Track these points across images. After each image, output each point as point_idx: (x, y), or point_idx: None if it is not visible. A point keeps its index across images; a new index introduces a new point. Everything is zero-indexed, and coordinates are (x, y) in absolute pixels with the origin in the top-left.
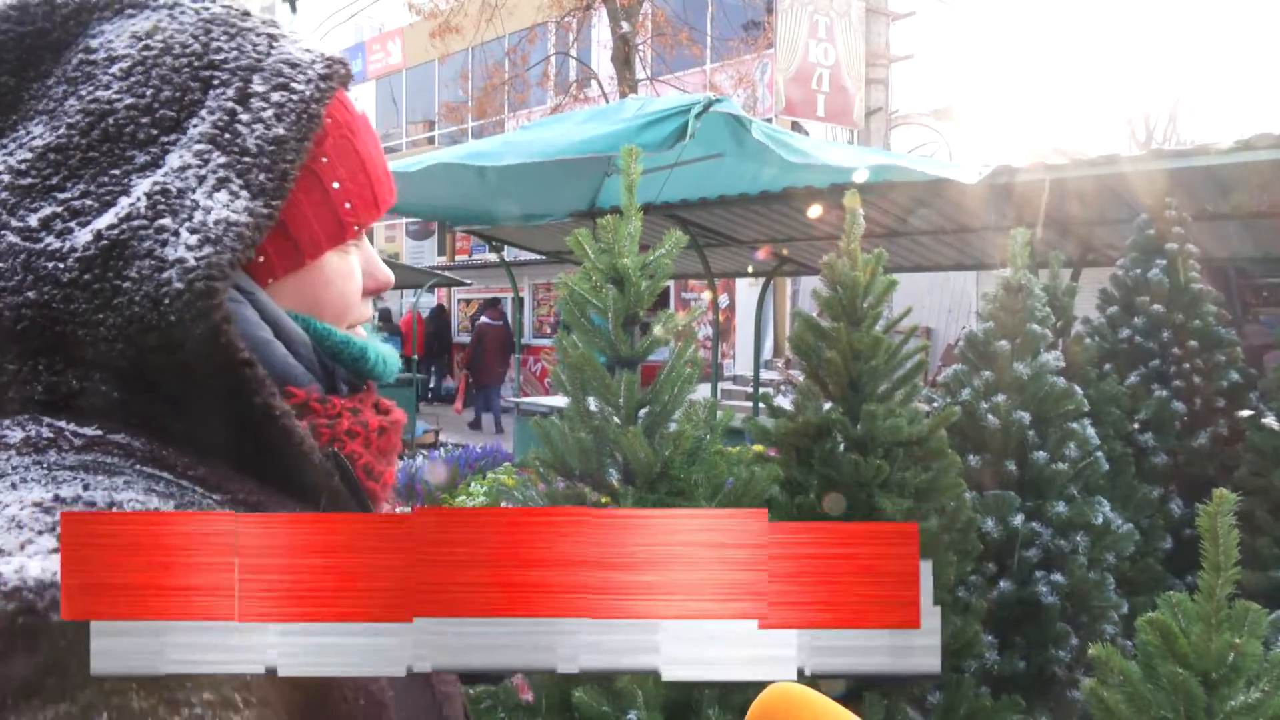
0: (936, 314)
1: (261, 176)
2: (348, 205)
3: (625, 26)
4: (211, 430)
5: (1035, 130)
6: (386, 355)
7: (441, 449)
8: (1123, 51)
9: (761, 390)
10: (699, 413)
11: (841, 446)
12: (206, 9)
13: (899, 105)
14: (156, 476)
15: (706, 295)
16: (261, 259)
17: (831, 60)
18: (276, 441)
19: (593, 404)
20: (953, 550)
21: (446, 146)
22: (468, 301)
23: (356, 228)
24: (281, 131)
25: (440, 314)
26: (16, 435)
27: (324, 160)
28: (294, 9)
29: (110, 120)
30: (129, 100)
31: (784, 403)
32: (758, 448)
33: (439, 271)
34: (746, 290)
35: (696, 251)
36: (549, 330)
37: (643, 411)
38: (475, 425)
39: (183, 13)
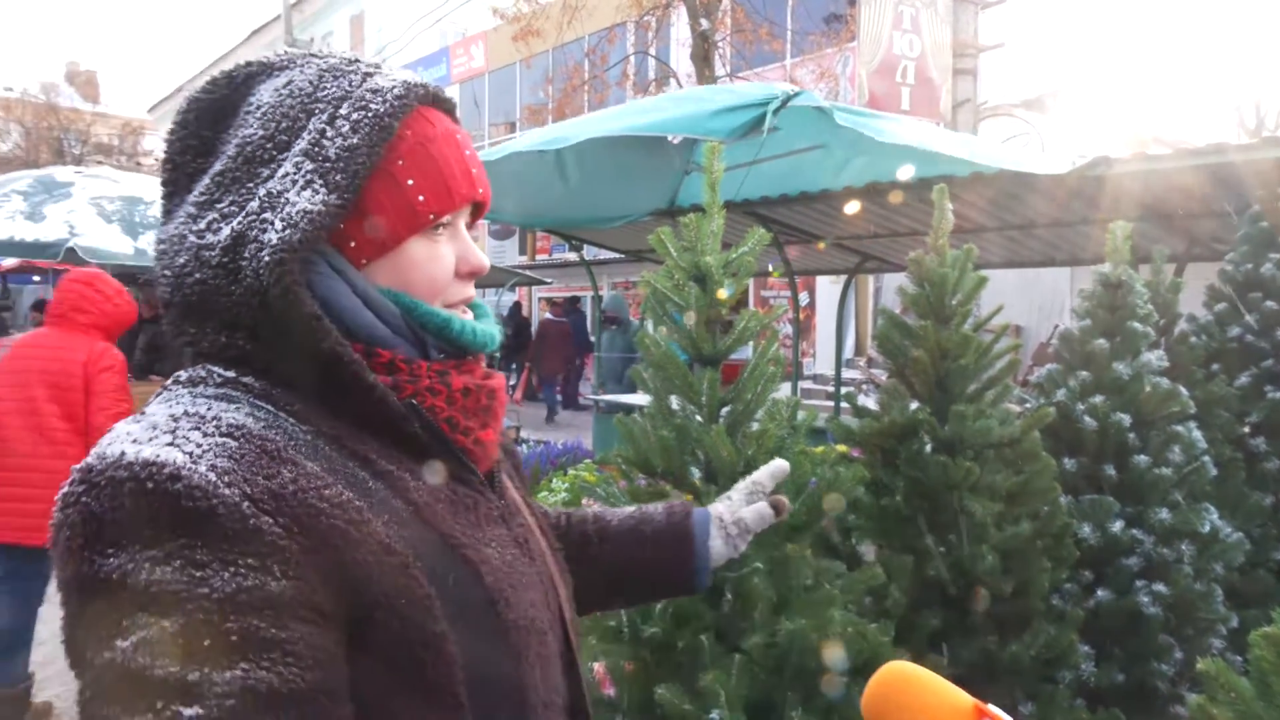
0: (1027, 312)
1: (338, 176)
2: (421, 199)
3: (705, 24)
4: (304, 373)
5: (1135, 119)
6: (477, 328)
7: (523, 445)
8: (1230, 33)
9: (843, 389)
10: (782, 412)
11: (929, 448)
12: (326, 61)
13: (987, 96)
14: (261, 407)
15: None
16: (353, 244)
17: (917, 52)
18: (349, 383)
19: (675, 402)
20: (1047, 556)
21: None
22: (550, 300)
23: (432, 216)
24: (356, 141)
25: (518, 311)
26: (185, 375)
27: (400, 163)
28: None
29: (249, 148)
30: (261, 132)
31: (868, 402)
32: (841, 448)
33: (520, 271)
34: (827, 287)
35: (777, 249)
36: None
37: (725, 410)
38: (550, 419)
39: (309, 66)
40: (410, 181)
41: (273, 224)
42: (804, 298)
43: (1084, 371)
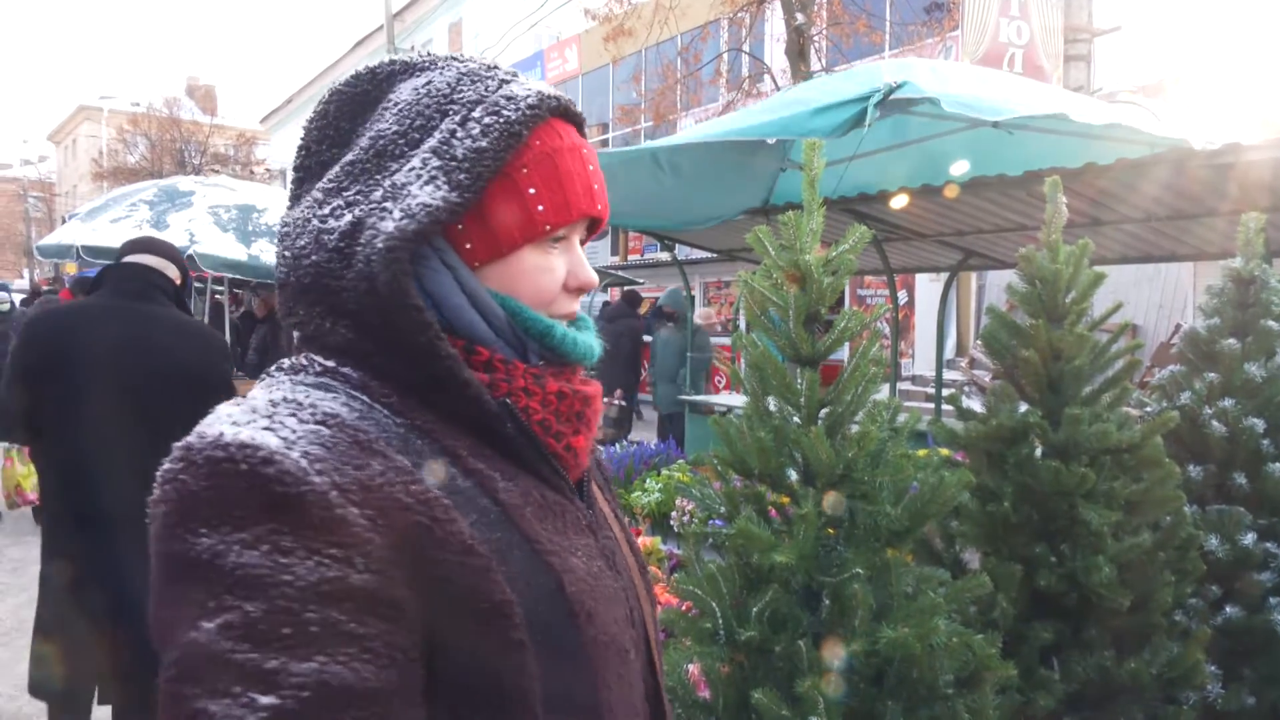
0: (1145, 310)
1: (461, 176)
2: (540, 208)
3: (800, 18)
4: (402, 365)
5: (1266, 103)
6: (579, 339)
7: (616, 445)
8: None
9: (945, 391)
10: (883, 414)
11: (1039, 452)
12: (466, 65)
13: (1103, 83)
14: (357, 398)
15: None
16: (469, 245)
17: (1025, 39)
18: (444, 378)
19: (772, 403)
20: (1169, 569)
21: (619, 148)
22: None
23: (548, 227)
24: (484, 145)
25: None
26: (289, 363)
27: (524, 170)
28: None
29: (381, 141)
30: (395, 128)
31: (973, 404)
32: (944, 451)
33: (612, 271)
34: (926, 286)
35: (875, 247)
36: (719, 329)
37: (823, 411)
38: (637, 415)
39: (448, 68)
40: (532, 190)
41: (391, 213)
42: (902, 296)
43: (1211, 373)
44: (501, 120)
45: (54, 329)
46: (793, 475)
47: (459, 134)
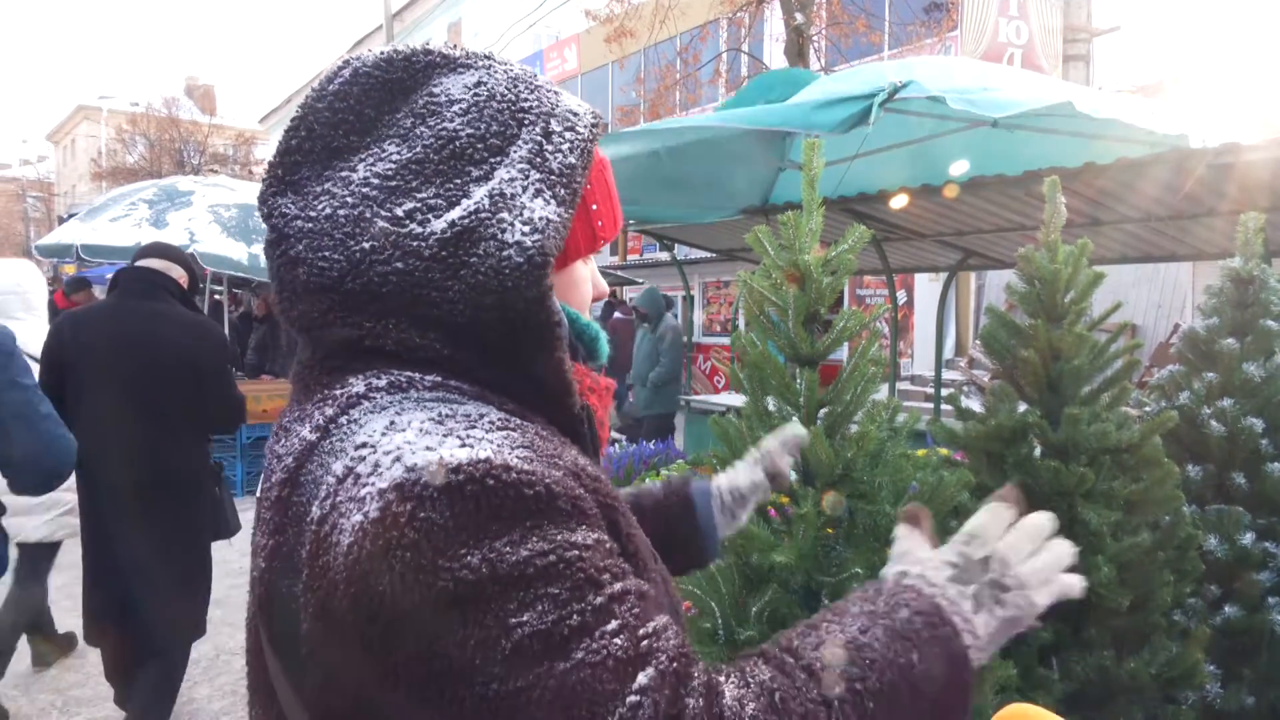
0: (1144, 309)
1: (562, 191)
2: (600, 224)
3: (799, 18)
4: (512, 378)
5: (1265, 103)
6: (605, 342)
7: (615, 445)
8: None
9: (944, 391)
10: (882, 413)
11: (1039, 452)
12: (511, 69)
13: (1102, 83)
14: (485, 408)
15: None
16: None
17: (1024, 39)
18: (558, 390)
19: (771, 403)
20: (1169, 569)
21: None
22: (618, 299)
23: (602, 241)
24: (573, 160)
25: (609, 313)
26: (383, 381)
27: (589, 187)
28: None
29: (456, 143)
30: (469, 130)
31: (972, 404)
32: (943, 451)
33: (611, 271)
34: (926, 286)
35: (874, 247)
36: (718, 329)
37: (823, 411)
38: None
39: (495, 71)
40: (595, 206)
41: (513, 225)
42: (901, 296)
43: (1210, 373)
44: (579, 137)
45: (72, 327)
46: (793, 475)
47: (547, 147)
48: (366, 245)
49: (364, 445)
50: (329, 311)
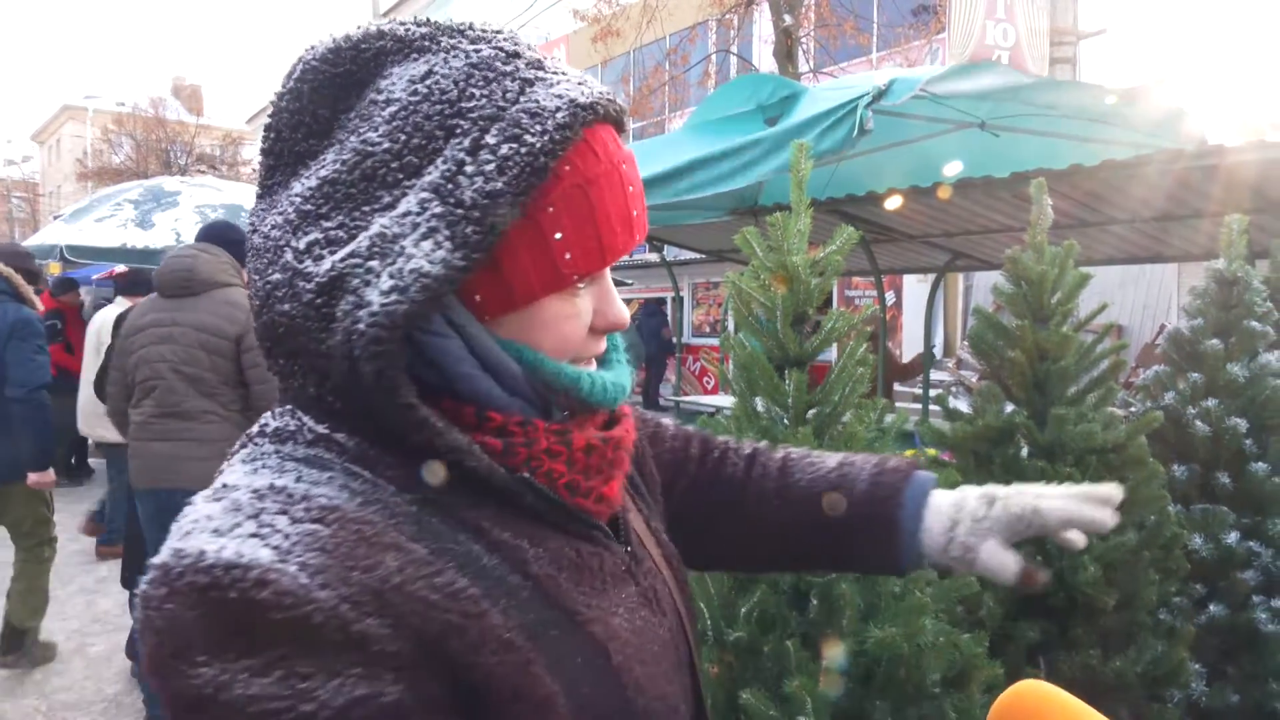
0: (1130, 310)
1: (469, 229)
2: (568, 256)
3: (788, 19)
4: (404, 441)
5: (1249, 105)
6: (608, 384)
7: None
8: None
9: (932, 392)
10: (870, 414)
11: (1026, 452)
12: (477, 51)
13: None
14: (358, 475)
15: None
16: (478, 297)
17: (1011, 41)
18: (452, 463)
19: (760, 404)
20: (1154, 568)
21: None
22: (627, 301)
23: (576, 278)
24: (499, 185)
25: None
26: (273, 425)
27: (549, 210)
28: None
29: (369, 161)
30: (386, 144)
31: (959, 405)
32: (931, 452)
33: None
34: (914, 287)
35: (863, 248)
36: (708, 330)
37: (811, 412)
38: None
39: (455, 56)
40: (558, 235)
41: (379, 279)
42: (889, 297)
43: (1195, 374)
44: (523, 151)
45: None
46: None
47: (468, 167)
48: (274, 277)
49: (195, 501)
50: (259, 336)
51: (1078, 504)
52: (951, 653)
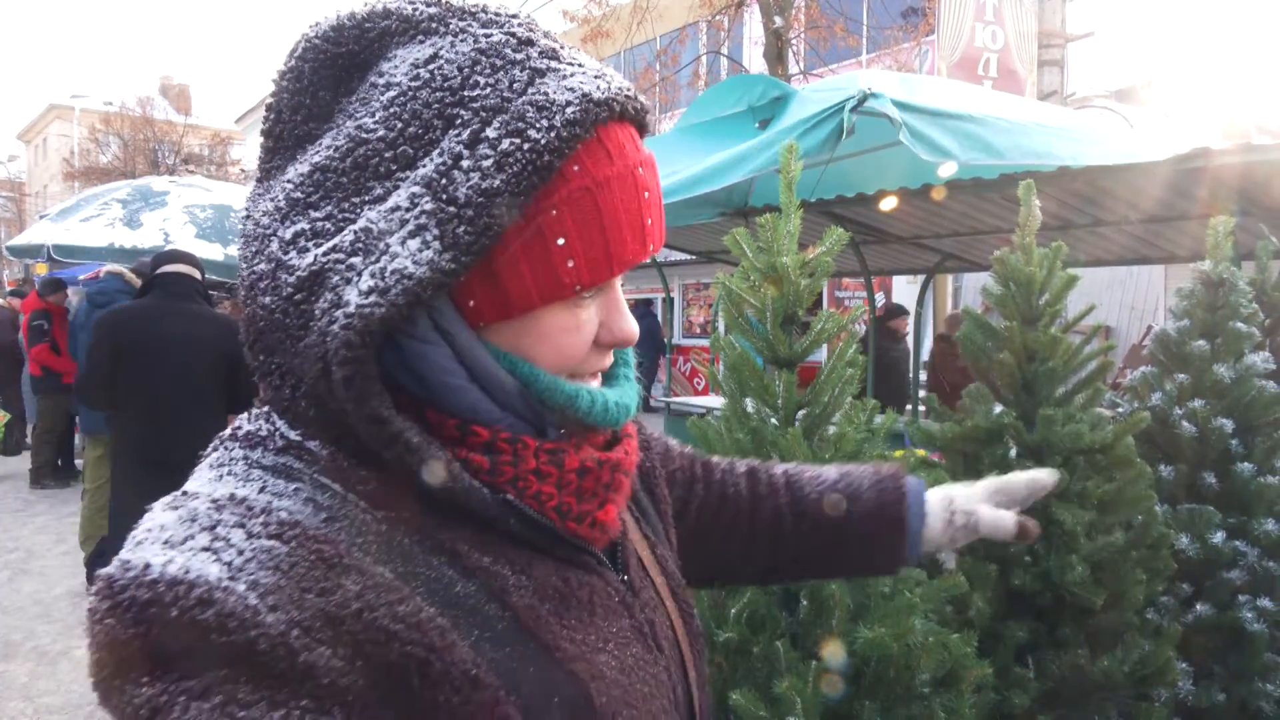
0: (1118, 311)
1: (460, 229)
2: (570, 264)
3: (778, 21)
4: (378, 453)
5: (1236, 107)
6: (609, 404)
7: None
8: None
9: (921, 392)
10: (860, 415)
11: (1014, 453)
12: (488, 36)
13: (1076, 88)
14: (327, 488)
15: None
16: (471, 303)
17: (1000, 44)
18: (426, 482)
19: (750, 405)
20: (1141, 568)
21: None
22: None
23: (579, 288)
24: (497, 183)
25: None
26: (245, 428)
27: (553, 213)
28: None
29: (362, 150)
30: (381, 132)
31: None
32: (920, 452)
33: None
34: (904, 288)
35: (853, 249)
36: (698, 331)
37: (801, 413)
38: None
39: (463, 40)
40: (561, 241)
41: (359, 278)
42: (879, 298)
43: (1182, 374)
44: (526, 147)
45: (129, 320)
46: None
47: (464, 161)
48: (259, 268)
49: (154, 509)
50: (243, 328)
51: (1031, 474)
52: (940, 652)
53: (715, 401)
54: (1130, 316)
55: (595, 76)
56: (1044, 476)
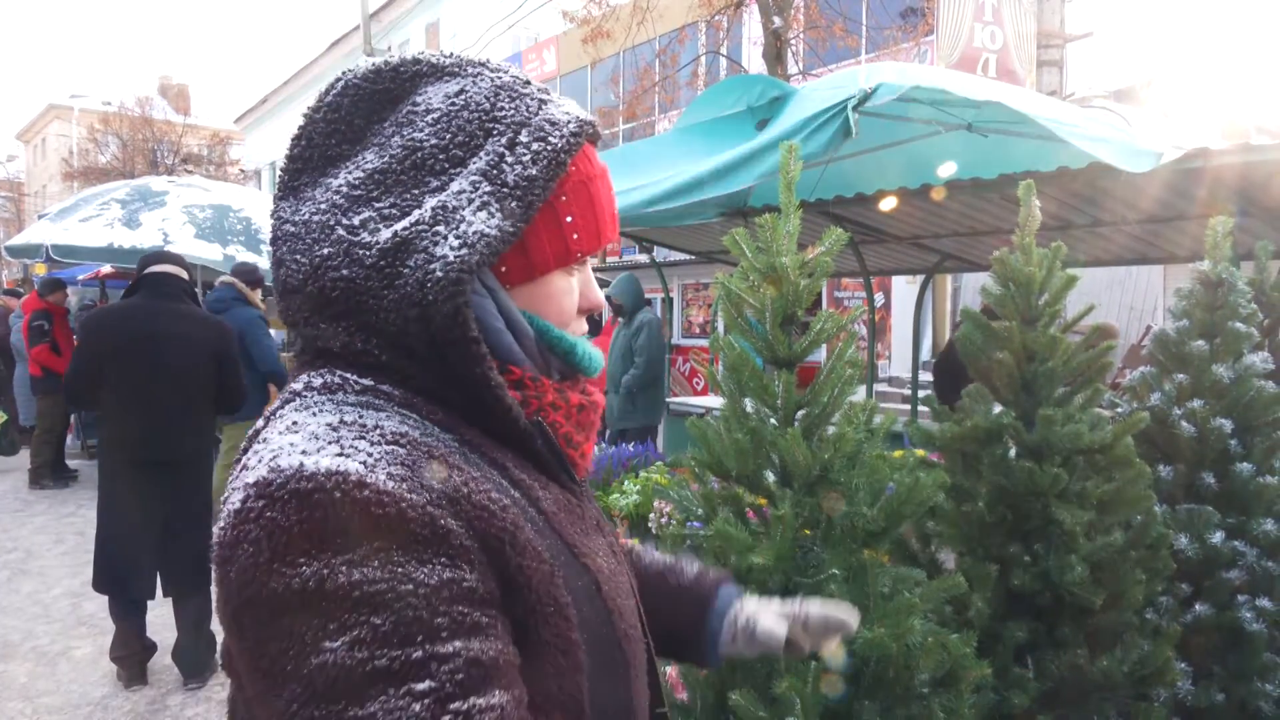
0: (1117, 312)
1: (513, 204)
2: (575, 236)
3: (777, 21)
4: (448, 387)
5: (1235, 108)
6: (593, 354)
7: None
8: None
9: (921, 392)
10: (859, 415)
11: (1013, 453)
12: (500, 77)
13: (1075, 88)
14: (408, 416)
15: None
16: (504, 268)
17: (999, 44)
18: (490, 403)
19: (749, 405)
20: (1140, 568)
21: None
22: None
23: (580, 255)
24: (535, 172)
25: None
26: (319, 381)
27: (563, 199)
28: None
29: (419, 154)
30: (433, 141)
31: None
32: (920, 452)
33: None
34: (903, 288)
35: (852, 249)
36: (698, 331)
37: (800, 413)
38: None
39: (482, 79)
40: (569, 218)
41: (446, 239)
42: (879, 298)
43: (1181, 374)
44: (549, 148)
45: (117, 320)
46: (770, 477)
47: (508, 159)
48: (325, 251)
49: (264, 440)
50: (298, 311)
51: (827, 608)
52: (940, 653)
53: (714, 401)
54: (1129, 317)
55: (575, 108)
56: (843, 617)
